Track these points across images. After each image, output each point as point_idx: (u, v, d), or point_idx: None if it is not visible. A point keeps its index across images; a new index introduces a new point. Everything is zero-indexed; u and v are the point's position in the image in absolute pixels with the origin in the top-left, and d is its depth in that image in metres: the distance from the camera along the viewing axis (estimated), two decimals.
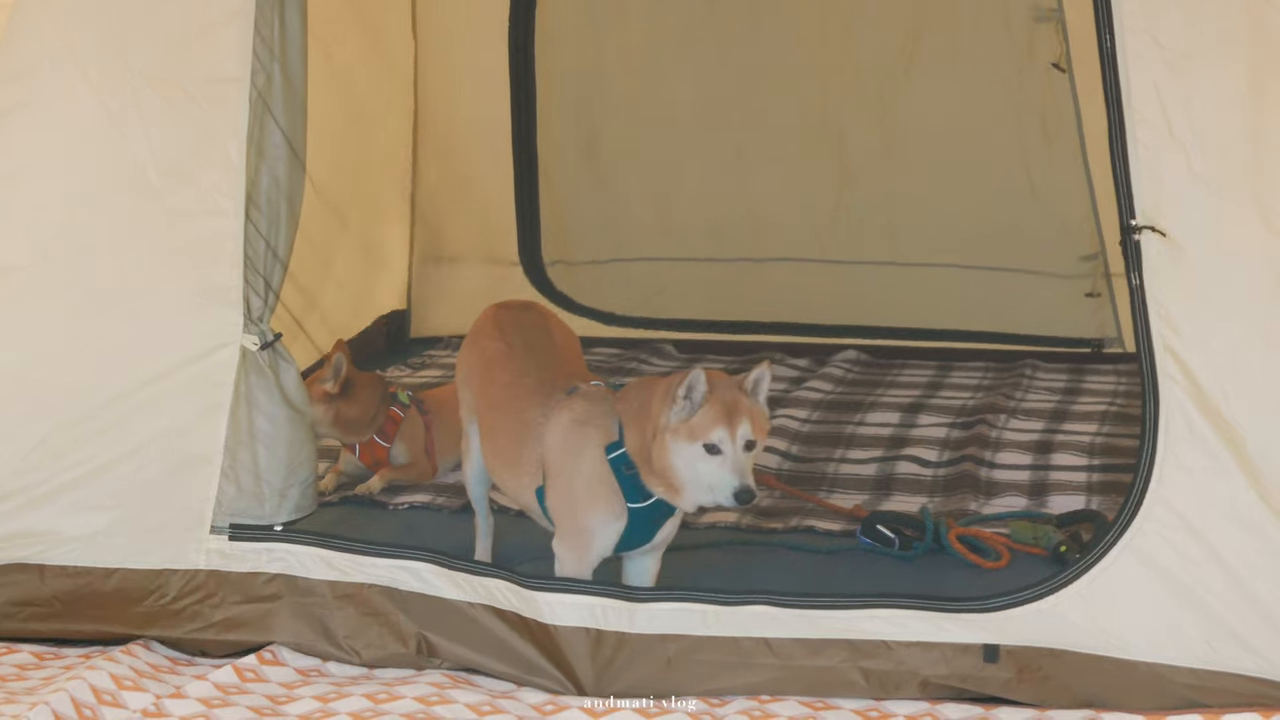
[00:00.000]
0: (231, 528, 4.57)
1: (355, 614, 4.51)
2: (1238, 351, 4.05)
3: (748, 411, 4.16)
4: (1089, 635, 4.12)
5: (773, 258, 7.33)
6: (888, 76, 7.12)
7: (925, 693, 4.18)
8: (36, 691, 4.24)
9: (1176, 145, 4.06)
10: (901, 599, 4.24)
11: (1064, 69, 6.76)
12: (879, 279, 7.27)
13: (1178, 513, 4.07)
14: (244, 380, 4.57)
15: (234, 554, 4.57)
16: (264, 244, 4.56)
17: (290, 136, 4.58)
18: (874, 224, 7.27)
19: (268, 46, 4.51)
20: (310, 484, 4.70)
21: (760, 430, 4.19)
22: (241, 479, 4.58)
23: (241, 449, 4.58)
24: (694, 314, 7.44)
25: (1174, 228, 4.07)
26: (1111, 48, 4.09)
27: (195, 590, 4.58)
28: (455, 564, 4.46)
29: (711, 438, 4.13)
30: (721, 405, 4.15)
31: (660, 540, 4.41)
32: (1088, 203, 6.88)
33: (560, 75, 7.36)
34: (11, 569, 4.63)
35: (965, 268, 7.19)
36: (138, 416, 4.58)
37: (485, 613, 4.40)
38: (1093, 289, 7.01)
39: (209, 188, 4.54)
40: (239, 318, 4.55)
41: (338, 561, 4.54)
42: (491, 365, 4.65)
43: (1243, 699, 4.03)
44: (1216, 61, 4.08)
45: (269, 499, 4.60)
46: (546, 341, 4.69)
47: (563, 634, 4.29)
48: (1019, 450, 5.89)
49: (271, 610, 4.56)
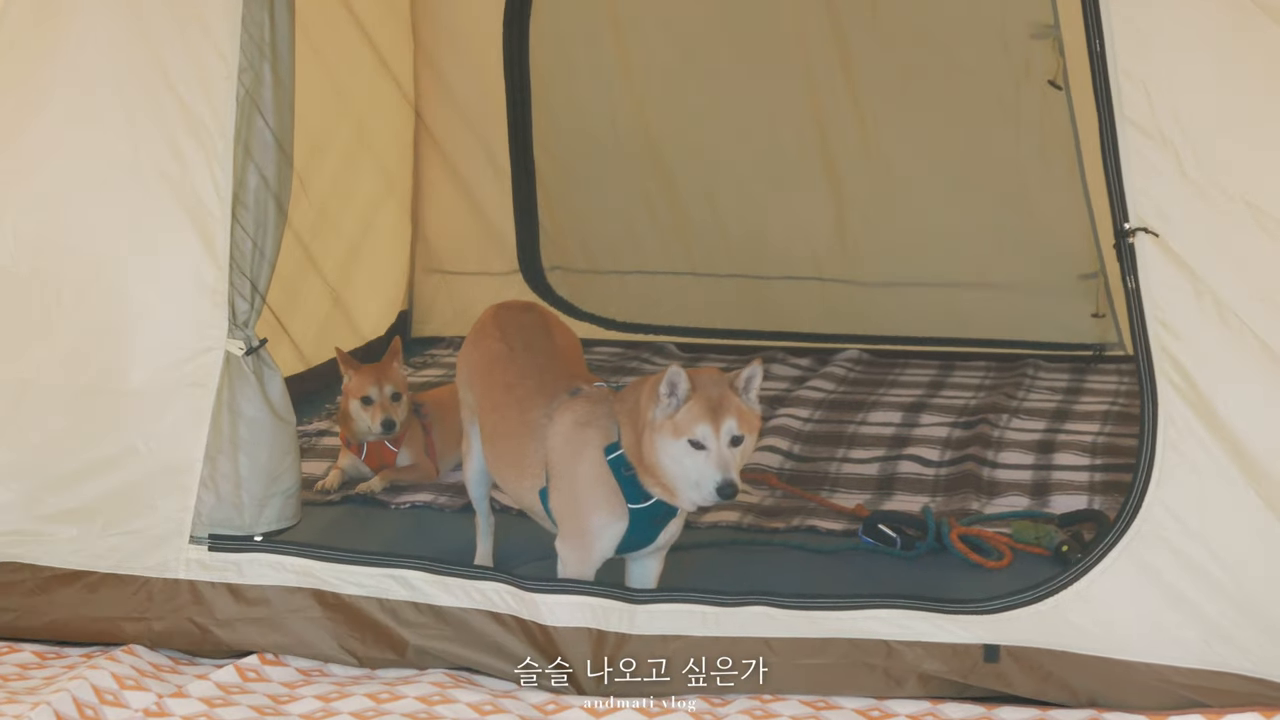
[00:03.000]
0: (210, 538, 4.49)
1: (344, 625, 4.44)
2: (1234, 353, 4.05)
3: (734, 407, 4.17)
4: (1089, 636, 4.12)
5: (772, 275, 7.33)
6: (886, 92, 7.10)
7: (926, 692, 4.19)
8: (38, 691, 4.24)
9: (1168, 147, 4.06)
10: (901, 599, 4.23)
11: (1060, 86, 6.75)
12: (878, 298, 7.27)
13: (1176, 514, 4.07)
14: (227, 386, 4.47)
15: (214, 565, 4.49)
16: (250, 244, 4.48)
17: (279, 135, 4.51)
18: (872, 243, 7.26)
19: (256, 45, 4.46)
20: (293, 494, 4.59)
21: (748, 426, 4.19)
22: (221, 488, 4.49)
23: (222, 457, 4.48)
24: (695, 322, 7.44)
25: (1168, 230, 4.07)
26: (1101, 51, 4.09)
27: (175, 599, 4.50)
28: (448, 570, 4.40)
29: (695, 433, 4.14)
30: (705, 401, 4.15)
31: (664, 542, 4.41)
32: (1086, 221, 6.87)
33: (557, 82, 7.34)
34: (7, 567, 4.62)
35: (964, 286, 7.19)
36: (120, 421, 4.52)
37: (481, 617, 4.36)
38: (1098, 309, 7.02)
39: (195, 187, 4.48)
40: (224, 322, 4.47)
41: (322, 572, 4.46)
42: (493, 366, 4.64)
43: (1243, 699, 4.03)
44: (1206, 63, 4.08)
45: (248, 509, 4.50)
46: (547, 343, 4.68)
47: (562, 635, 4.29)
48: (1021, 450, 5.89)
49: (256, 621, 4.48)
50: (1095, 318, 7.05)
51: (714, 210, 7.35)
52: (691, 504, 4.26)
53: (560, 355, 4.65)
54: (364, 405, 5.52)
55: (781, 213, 7.28)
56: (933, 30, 6.98)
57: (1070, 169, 6.80)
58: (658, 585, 4.44)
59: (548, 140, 7.37)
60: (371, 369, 5.57)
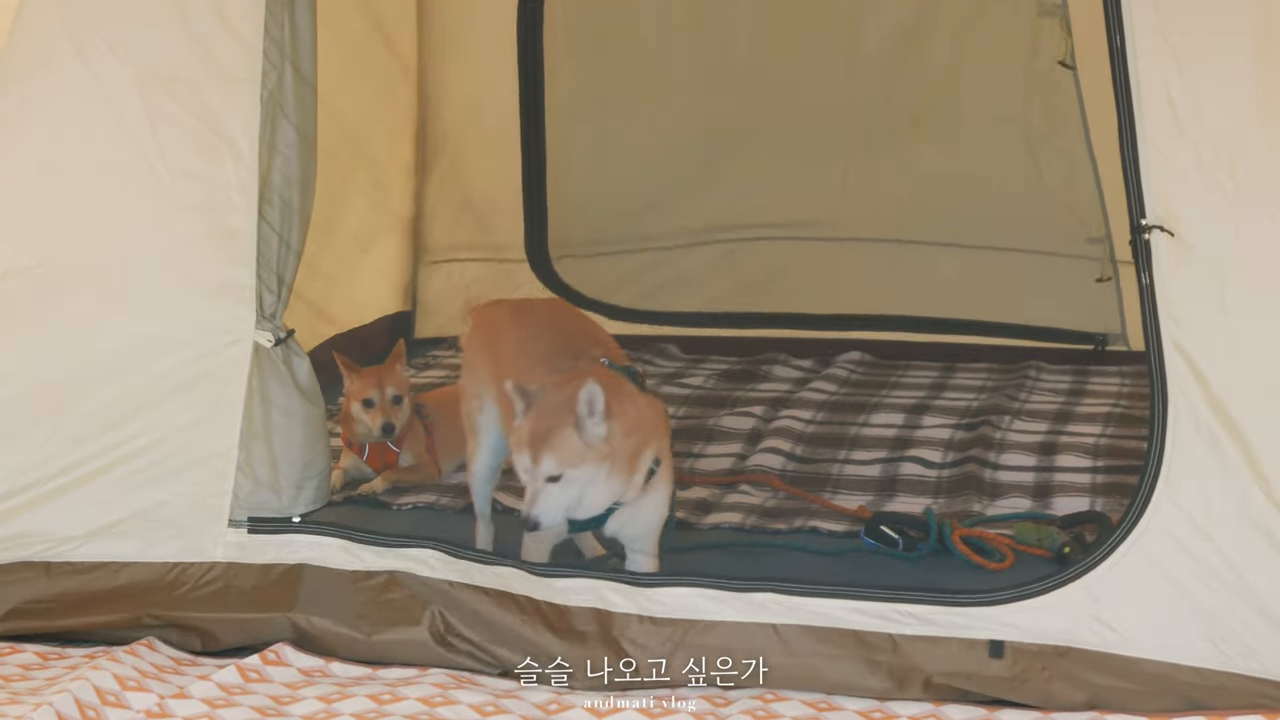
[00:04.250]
0: (250, 520, 4.62)
1: (371, 597, 4.55)
2: (1247, 351, 4.05)
3: (554, 442, 4.14)
4: (1094, 632, 4.13)
5: (780, 236, 7.32)
6: (893, 62, 7.11)
7: (928, 692, 4.19)
8: (40, 692, 4.24)
9: (1187, 144, 4.06)
10: (907, 591, 4.26)
11: (1070, 65, 6.75)
12: (884, 260, 7.24)
13: (1185, 512, 4.08)
14: (257, 375, 4.61)
15: (252, 546, 4.63)
16: (277, 238, 4.59)
17: (303, 130, 4.60)
18: (879, 212, 7.25)
19: (278, 47, 4.53)
20: (325, 477, 4.78)
21: (568, 461, 4.15)
22: (258, 472, 4.63)
23: (256, 443, 4.63)
24: (701, 304, 7.42)
25: (1184, 227, 4.07)
26: (1121, 46, 4.09)
27: (213, 581, 4.62)
28: (464, 554, 4.53)
29: (516, 462, 4.23)
30: (529, 425, 4.18)
31: (636, 535, 4.43)
32: (1093, 187, 6.86)
33: (568, 62, 7.34)
34: (17, 567, 4.64)
35: (972, 248, 7.16)
36: (149, 413, 4.62)
37: (500, 597, 4.44)
38: (1101, 274, 7.00)
39: (221, 185, 4.57)
40: (251, 314, 4.58)
41: (356, 550, 4.60)
42: (512, 345, 4.68)
43: (1247, 700, 4.03)
44: (1227, 60, 4.08)
45: (286, 491, 4.66)
46: (573, 324, 4.77)
47: (573, 614, 4.34)
48: (1023, 452, 5.89)
49: (287, 596, 4.59)
50: (1100, 282, 7.02)
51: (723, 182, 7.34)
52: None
53: (587, 334, 4.71)
54: (365, 408, 5.53)
55: (790, 184, 7.27)
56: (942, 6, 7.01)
57: (1077, 138, 6.78)
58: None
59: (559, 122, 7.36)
60: (373, 372, 5.57)
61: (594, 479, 4.19)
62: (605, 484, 4.21)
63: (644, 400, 4.38)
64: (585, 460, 4.16)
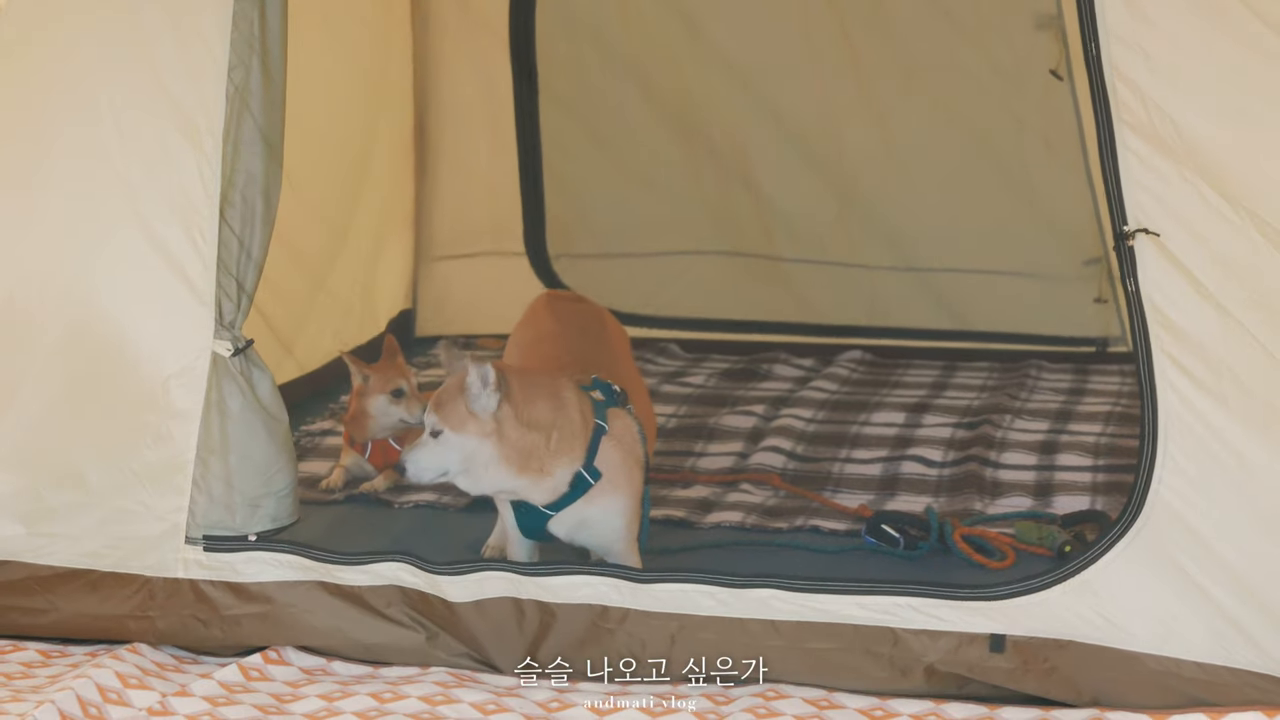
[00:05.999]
0: (205, 539, 4.48)
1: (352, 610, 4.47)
2: (1234, 354, 4.06)
3: (442, 403, 4.38)
4: (1095, 627, 4.13)
5: (779, 257, 7.33)
6: (889, 78, 7.10)
7: (931, 684, 4.19)
8: (43, 690, 4.24)
9: (1166, 151, 4.07)
10: (909, 585, 4.26)
11: (1062, 77, 6.75)
12: (883, 281, 7.26)
13: (1178, 511, 4.09)
14: (215, 387, 4.44)
15: (211, 564, 4.49)
16: (238, 244, 4.45)
17: (267, 132, 4.47)
18: (876, 229, 7.25)
19: (246, 41, 4.42)
20: (288, 494, 4.56)
21: (451, 422, 4.35)
22: (214, 489, 4.47)
23: (214, 458, 4.46)
24: (699, 311, 7.43)
25: (1167, 233, 4.08)
26: (1097, 54, 4.10)
27: (177, 598, 4.51)
28: (433, 567, 4.41)
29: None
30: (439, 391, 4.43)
31: (597, 545, 4.50)
32: (1090, 207, 6.87)
33: (563, 63, 7.34)
34: (8, 566, 4.61)
35: (968, 271, 7.18)
36: (108, 422, 4.51)
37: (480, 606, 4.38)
38: (1100, 294, 7.01)
39: (183, 185, 4.45)
40: (210, 322, 4.44)
41: (320, 570, 4.47)
42: (541, 341, 4.79)
43: (1246, 696, 4.03)
44: (1203, 67, 4.09)
45: (240, 509, 4.48)
46: (600, 332, 4.90)
47: (565, 611, 4.31)
48: (1024, 450, 5.89)
49: (260, 617, 4.49)
50: (1098, 303, 7.04)
51: (721, 190, 7.34)
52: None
53: (608, 346, 4.80)
54: (395, 399, 5.51)
55: (788, 195, 7.27)
56: (936, 17, 6.98)
57: (1073, 156, 6.79)
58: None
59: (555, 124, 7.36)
60: (387, 365, 5.57)
61: (476, 452, 4.33)
62: (492, 464, 4.35)
63: (580, 412, 4.43)
64: (466, 427, 4.32)
